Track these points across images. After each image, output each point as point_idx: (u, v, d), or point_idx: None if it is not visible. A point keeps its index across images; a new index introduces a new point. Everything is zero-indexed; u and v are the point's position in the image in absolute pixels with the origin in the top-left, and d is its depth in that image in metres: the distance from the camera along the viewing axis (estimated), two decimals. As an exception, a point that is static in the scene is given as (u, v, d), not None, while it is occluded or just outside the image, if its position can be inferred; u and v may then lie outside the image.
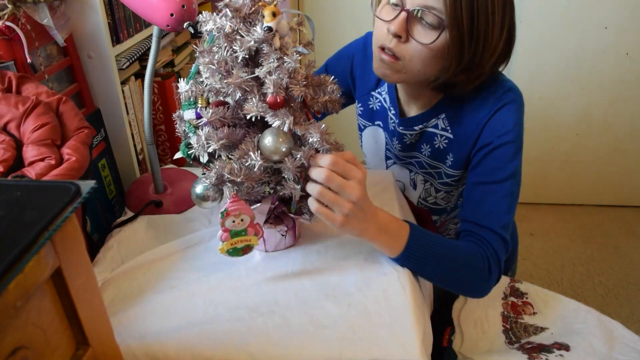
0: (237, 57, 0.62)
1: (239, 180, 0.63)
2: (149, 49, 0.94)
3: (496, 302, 1.00)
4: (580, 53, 1.98)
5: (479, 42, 0.75)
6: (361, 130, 1.07)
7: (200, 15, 0.65)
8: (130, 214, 0.92)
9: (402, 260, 0.75)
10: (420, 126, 0.92)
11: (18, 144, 0.68)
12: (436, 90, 0.87)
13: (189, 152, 0.67)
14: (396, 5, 0.77)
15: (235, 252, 0.71)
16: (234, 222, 0.68)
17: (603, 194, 2.30)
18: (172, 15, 0.72)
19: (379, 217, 0.73)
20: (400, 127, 0.95)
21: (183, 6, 0.72)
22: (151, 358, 0.62)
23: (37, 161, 0.65)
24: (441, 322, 0.95)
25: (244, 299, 0.71)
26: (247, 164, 0.64)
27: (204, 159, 0.66)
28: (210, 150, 0.64)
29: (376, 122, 1.03)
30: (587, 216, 2.27)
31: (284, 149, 0.63)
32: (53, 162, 0.65)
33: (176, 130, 0.73)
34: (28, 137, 0.67)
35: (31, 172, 0.63)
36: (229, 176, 0.63)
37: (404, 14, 0.75)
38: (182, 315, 0.68)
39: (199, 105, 0.67)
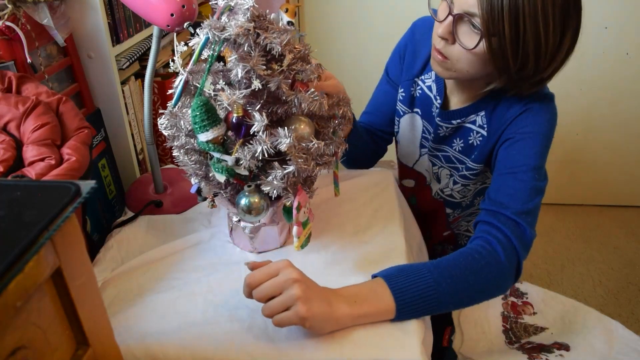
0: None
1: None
2: (149, 49, 0.94)
3: (496, 302, 1.00)
4: (580, 53, 1.98)
5: (528, 50, 0.73)
6: (399, 116, 1.06)
7: (204, 22, 0.61)
8: (130, 214, 0.92)
9: (406, 309, 0.66)
10: (459, 120, 0.93)
11: (18, 144, 0.68)
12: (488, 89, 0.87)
13: (229, 168, 0.64)
14: (447, 2, 0.77)
15: (307, 242, 0.70)
16: (304, 212, 0.67)
17: (603, 194, 2.30)
18: (172, 15, 0.72)
19: (339, 291, 0.67)
20: (438, 119, 0.95)
21: (183, 6, 0.72)
22: (151, 358, 0.62)
23: (37, 161, 0.65)
24: (441, 322, 0.95)
25: (244, 299, 0.71)
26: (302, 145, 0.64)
27: (249, 170, 0.64)
28: (260, 155, 0.62)
29: (415, 110, 1.02)
30: (587, 216, 2.27)
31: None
32: (53, 162, 0.65)
33: (175, 161, 0.71)
34: (28, 137, 0.67)
35: (31, 172, 0.63)
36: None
37: (450, 18, 0.76)
38: (182, 315, 0.68)
39: (236, 115, 0.63)
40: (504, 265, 0.73)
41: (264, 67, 0.62)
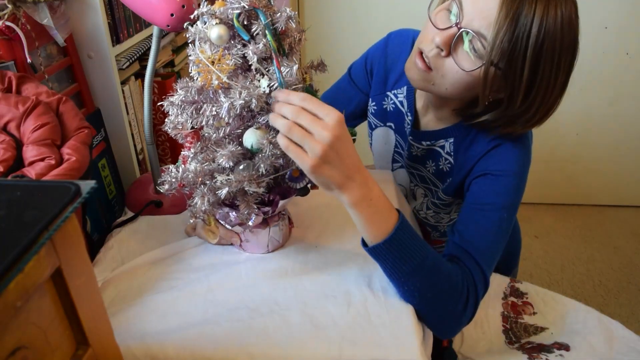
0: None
1: None
2: (149, 49, 0.94)
3: (496, 302, 1.00)
4: (580, 53, 1.98)
5: (540, 91, 0.69)
6: (372, 129, 1.05)
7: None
8: (130, 214, 0.92)
9: (382, 248, 0.66)
10: (428, 143, 0.91)
11: (18, 144, 0.68)
12: (461, 116, 0.83)
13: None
14: (450, 12, 0.72)
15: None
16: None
17: (603, 194, 2.30)
18: (172, 15, 0.72)
19: (369, 185, 0.65)
20: (410, 137, 0.93)
21: (183, 6, 0.72)
22: (151, 358, 0.62)
23: (37, 161, 0.65)
24: (441, 322, 0.95)
25: (244, 299, 0.71)
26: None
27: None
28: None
29: (388, 124, 1.00)
30: (587, 216, 2.27)
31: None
32: (53, 162, 0.65)
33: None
34: (28, 137, 0.67)
35: (31, 172, 0.63)
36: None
37: (454, 29, 0.70)
38: (182, 315, 0.68)
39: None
40: (465, 316, 0.72)
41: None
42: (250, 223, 0.72)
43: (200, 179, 0.66)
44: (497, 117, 0.76)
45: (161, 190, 0.69)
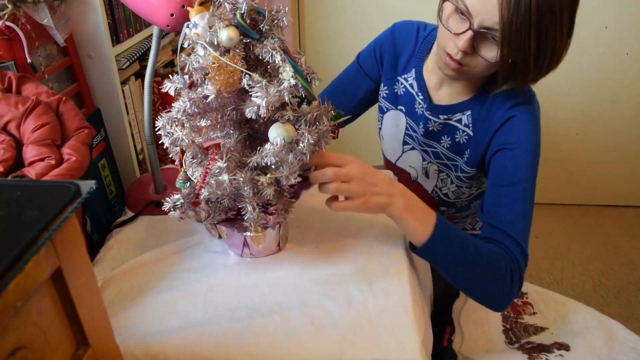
0: None
1: None
2: (149, 49, 0.94)
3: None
4: (580, 53, 1.98)
5: (547, 49, 0.75)
6: (383, 112, 1.08)
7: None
8: (130, 214, 0.92)
9: (429, 245, 0.74)
10: (445, 117, 0.94)
11: (18, 144, 0.68)
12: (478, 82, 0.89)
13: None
14: (462, 15, 0.77)
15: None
16: None
17: (603, 194, 2.30)
18: (172, 15, 0.72)
19: (407, 195, 0.75)
20: (428, 112, 0.96)
21: (183, 6, 0.72)
22: (151, 358, 0.62)
23: (37, 161, 0.65)
24: (441, 322, 0.95)
25: (244, 299, 0.71)
26: None
27: None
28: None
29: (399, 107, 1.04)
30: (587, 216, 2.27)
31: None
32: (53, 162, 0.65)
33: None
34: (28, 137, 0.67)
35: (31, 172, 0.63)
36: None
37: (470, 33, 0.76)
38: (182, 315, 0.68)
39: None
40: (513, 290, 0.77)
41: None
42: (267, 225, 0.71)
43: (233, 189, 0.64)
44: (514, 83, 0.82)
45: (177, 218, 0.68)
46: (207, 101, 0.63)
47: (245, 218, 0.65)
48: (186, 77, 0.64)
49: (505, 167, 0.84)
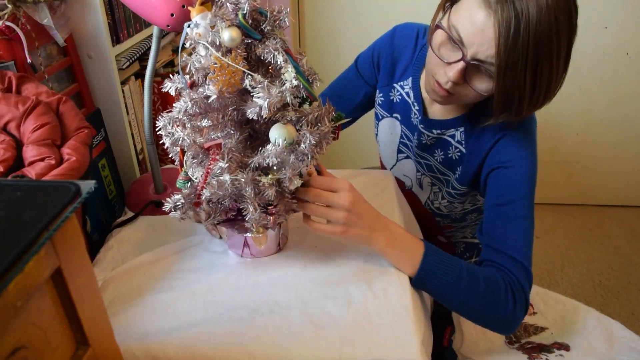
0: None
1: None
2: (149, 49, 0.94)
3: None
4: (580, 53, 1.97)
5: (542, 84, 0.72)
6: (378, 119, 1.07)
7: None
8: (130, 214, 0.92)
9: (421, 276, 0.73)
10: (438, 132, 0.92)
11: (18, 144, 0.68)
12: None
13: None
14: (455, 44, 0.73)
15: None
16: None
17: (603, 194, 2.30)
18: (172, 15, 0.72)
19: (390, 229, 0.74)
20: (421, 125, 0.94)
21: (183, 6, 0.72)
22: (151, 358, 0.62)
23: (37, 161, 0.65)
24: (441, 322, 0.95)
25: (244, 299, 0.71)
26: None
27: None
28: None
29: (394, 115, 1.02)
30: (587, 216, 2.27)
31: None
32: (53, 162, 0.65)
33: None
34: (28, 137, 0.67)
35: (31, 172, 0.63)
36: None
37: (462, 64, 0.73)
38: (182, 315, 0.68)
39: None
40: (517, 311, 0.75)
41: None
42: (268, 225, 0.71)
43: (235, 189, 0.64)
44: (507, 116, 0.78)
45: (177, 219, 0.68)
46: (209, 101, 0.63)
47: (247, 219, 0.65)
48: (187, 77, 0.64)
49: (502, 186, 0.81)
